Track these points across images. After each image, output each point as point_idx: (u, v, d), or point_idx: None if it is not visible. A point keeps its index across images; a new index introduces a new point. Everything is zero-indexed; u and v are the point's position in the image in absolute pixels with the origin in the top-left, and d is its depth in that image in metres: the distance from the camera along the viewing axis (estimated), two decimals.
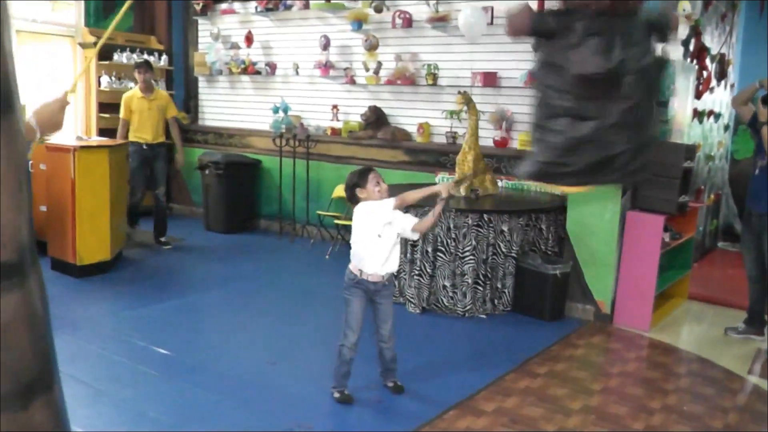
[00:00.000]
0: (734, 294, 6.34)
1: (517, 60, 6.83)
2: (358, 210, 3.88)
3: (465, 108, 6.21)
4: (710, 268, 7.58)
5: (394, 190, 3.93)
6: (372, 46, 7.67)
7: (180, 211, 9.73)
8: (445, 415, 3.84)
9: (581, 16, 2.63)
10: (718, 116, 8.00)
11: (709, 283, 6.83)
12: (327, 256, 7.43)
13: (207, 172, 8.52)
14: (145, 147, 7.48)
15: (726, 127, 8.72)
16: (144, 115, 7.43)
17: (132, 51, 8.82)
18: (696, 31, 6.33)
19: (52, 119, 2.51)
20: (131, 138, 7.45)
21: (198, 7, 9.12)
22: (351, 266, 3.94)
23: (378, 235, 3.82)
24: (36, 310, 1.79)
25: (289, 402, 3.96)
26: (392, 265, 3.92)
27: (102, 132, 8.28)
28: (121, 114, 7.46)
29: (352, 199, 3.93)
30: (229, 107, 9.31)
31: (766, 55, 8.02)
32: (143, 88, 7.46)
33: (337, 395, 3.96)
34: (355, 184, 3.87)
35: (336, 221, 7.60)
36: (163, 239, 7.73)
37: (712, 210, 8.33)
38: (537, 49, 2.84)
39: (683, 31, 5.83)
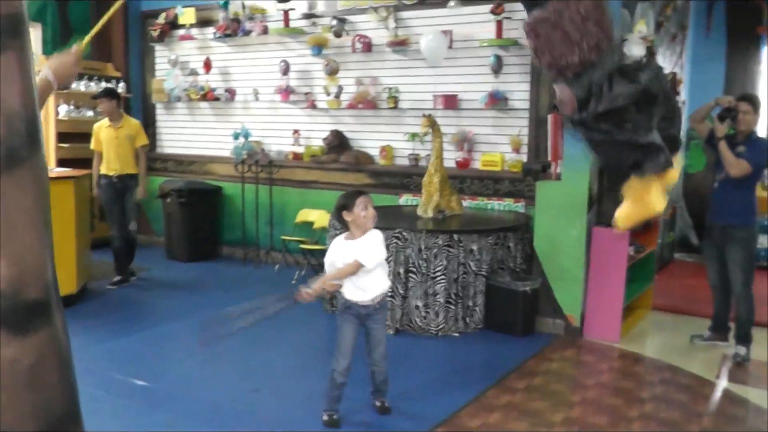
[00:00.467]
0: (695, 303, 6.56)
1: (476, 82, 6.99)
2: (336, 243, 3.97)
3: (430, 131, 6.32)
4: (670, 279, 7.81)
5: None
6: (332, 71, 7.75)
7: (140, 240, 9.56)
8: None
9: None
10: None
11: (671, 294, 7.04)
12: (293, 281, 7.43)
13: (168, 200, 8.46)
14: (115, 179, 7.18)
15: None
16: (111, 145, 7.16)
17: (90, 79, 8.75)
18: (651, 52, 6.59)
19: (67, 71, 2.61)
20: (102, 170, 7.21)
21: (155, 34, 9.10)
22: (342, 291, 3.97)
23: (331, 263, 3.95)
24: (63, 347, 1.80)
25: (276, 428, 3.96)
26: (379, 289, 3.96)
27: (61, 162, 8.17)
28: (91, 145, 7.28)
29: (339, 221, 3.98)
30: (188, 134, 9.28)
31: (714, 73, 8.35)
32: (109, 118, 7.22)
33: (325, 418, 3.98)
34: (343, 206, 3.90)
35: (302, 246, 7.62)
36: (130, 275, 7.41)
37: (669, 223, 8.59)
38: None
39: (640, 51, 6.06)
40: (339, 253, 3.91)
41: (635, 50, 6.02)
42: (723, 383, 4.83)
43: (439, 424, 3.99)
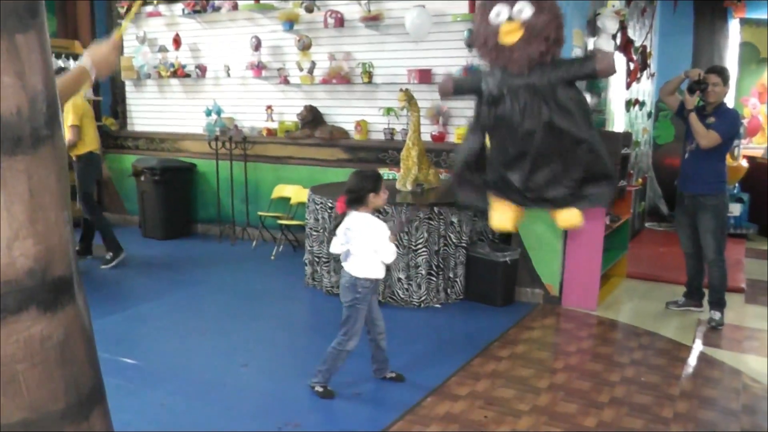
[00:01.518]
0: (667, 270, 6.74)
1: (450, 57, 7.01)
2: (380, 223, 3.95)
3: (407, 105, 6.35)
4: (642, 247, 7.99)
5: (336, 189, 4.05)
6: (305, 46, 7.72)
7: (113, 220, 9.49)
8: (424, 401, 3.99)
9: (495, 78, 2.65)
10: (642, 104, 8.43)
11: (643, 262, 7.22)
12: (272, 257, 7.46)
13: (142, 178, 8.40)
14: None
15: (649, 114, 9.21)
16: (93, 122, 7.14)
17: (57, 57, 8.59)
18: (623, 26, 6.69)
19: (106, 60, 2.58)
20: (93, 148, 7.06)
21: (122, 11, 8.96)
22: (368, 274, 3.93)
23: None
24: (87, 324, 1.84)
25: (271, 402, 4.02)
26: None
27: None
28: (75, 121, 6.85)
29: (358, 201, 3.90)
30: (159, 111, 9.18)
31: (683, 45, 8.51)
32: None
33: (320, 389, 4.04)
34: (372, 189, 3.88)
35: (280, 221, 7.63)
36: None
37: (639, 193, 8.78)
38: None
39: (613, 25, 6.15)
40: (377, 229, 3.93)
41: (609, 24, 6.10)
42: (698, 346, 4.99)
43: (430, 393, 4.08)
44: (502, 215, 2.86)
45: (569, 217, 2.74)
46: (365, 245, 3.90)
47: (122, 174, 9.16)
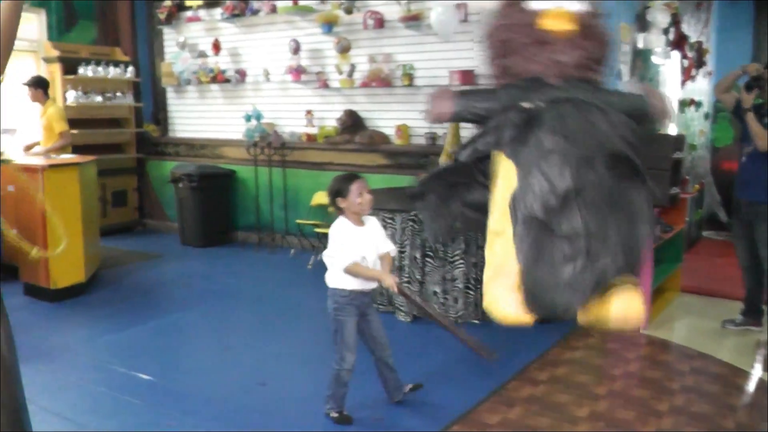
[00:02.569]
0: (725, 284, 6.25)
1: None
2: (340, 228, 3.69)
3: None
4: (699, 258, 7.49)
5: (373, 196, 3.75)
6: (344, 49, 7.48)
7: (154, 226, 9.47)
8: (449, 430, 3.67)
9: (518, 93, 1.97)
10: (698, 105, 7.95)
11: (700, 275, 6.73)
12: (309, 266, 7.23)
13: (180, 185, 8.28)
14: None
15: (706, 116, 8.69)
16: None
17: (97, 64, 8.55)
18: (675, 20, 6.25)
19: None
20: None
21: (162, 17, 8.88)
22: (337, 284, 3.71)
23: (363, 257, 3.67)
24: (3, 361, 1.59)
25: (285, 425, 3.76)
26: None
27: (72, 149, 7.98)
28: (65, 126, 7.32)
29: (333, 205, 3.74)
30: (199, 117, 9.07)
31: (741, 42, 7.99)
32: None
33: (335, 415, 3.77)
34: (337, 191, 3.66)
35: (316, 229, 7.40)
36: None
37: (697, 200, 8.27)
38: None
39: (665, 19, 5.73)
40: (359, 242, 3.67)
41: (660, 18, 5.69)
42: (758, 372, 4.54)
43: (455, 422, 3.76)
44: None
45: (625, 305, 1.88)
46: (335, 253, 3.69)
47: (162, 181, 9.07)
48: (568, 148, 1.83)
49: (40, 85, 7.35)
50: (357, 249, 3.65)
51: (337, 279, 3.70)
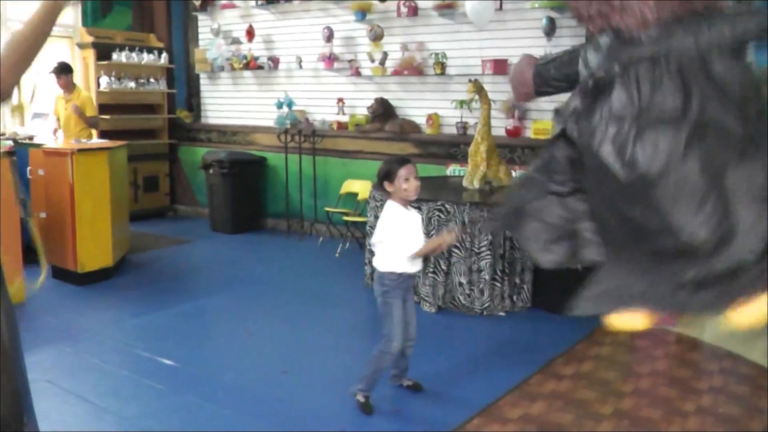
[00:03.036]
0: None
1: (527, 46, 6.54)
2: (393, 213, 3.62)
3: (476, 97, 5.95)
4: None
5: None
6: (377, 37, 7.42)
7: (185, 212, 9.53)
8: (469, 423, 3.61)
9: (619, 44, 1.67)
10: None
11: None
12: (337, 254, 7.21)
13: (211, 171, 8.30)
14: None
15: None
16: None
17: (131, 50, 8.60)
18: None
19: None
20: None
21: (197, 3, 8.90)
22: (387, 267, 3.64)
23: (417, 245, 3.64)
24: (2, 345, 1.57)
25: (305, 414, 3.73)
26: None
27: (103, 134, 8.06)
28: (95, 111, 7.52)
29: (380, 189, 3.69)
30: (232, 104, 9.09)
31: None
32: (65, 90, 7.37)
33: (361, 399, 3.72)
34: (386, 174, 3.60)
35: (345, 218, 7.37)
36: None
37: None
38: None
39: None
40: (410, 226, 3.64)
41: None
42: None
43: (475, 415, 3.69)
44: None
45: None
46: (389, 238, 3.63)
47: (194, 167, 9.11)
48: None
49: (69, 71, 7.38)
50: (411, 232, 3.63)
51: (388, 262, 3.64)
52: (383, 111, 7.53)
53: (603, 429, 3.57)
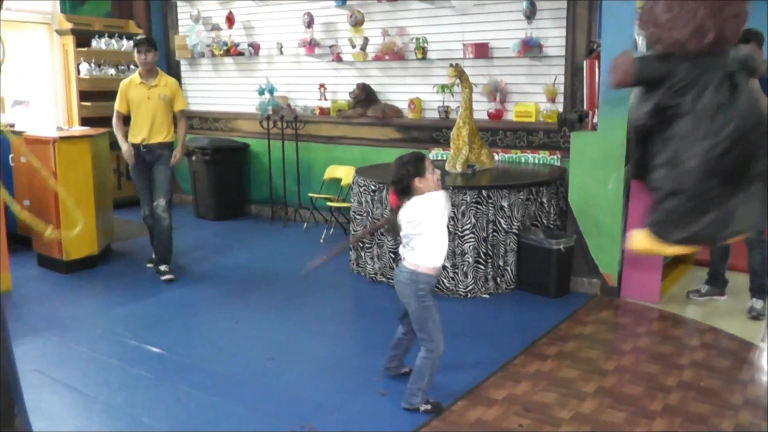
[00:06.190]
0: (738, 258, 6.16)
1: (508, 29, 6.60)
2: (441, 200, 3.52)
3: (457, 81, 5.98)
4: None
5: (382, 170, 3.70)
6: (357, 22, 7.41)
7: None
8: (454, 406, 3.66)
9: (681, 59, 3.00)
10: None
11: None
12: (322, 240, 7.23)
13: (194, 158, 8.29)
14: (142, 148, 5.92)
15: None
16: (141, 107, 5.90)
17: (110, 36, 8.54)
18: None
19: None
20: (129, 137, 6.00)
21: None
22: (428, 262, 3.53)
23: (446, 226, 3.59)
24: None
25: (290, 400, 3.76)
26: None
27: (84, 121, 8.01)
28: (116, 105, 6.06)
29: (407, 191, 3.49)
30: (213, 90, 9.06)
31: None
32: (143, 73, 5.96)
33: (428, 407, 3.60)
34: (415, 173, 3.45)
35: (329, 203, 7.39)
36: (163, 268, 6.00)
37: None
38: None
39: None
40: (435, 207, 3.51)
41: None
42: (766, 346, 4.48)
43: (460, 398, 3.75)
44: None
45: None
46: (424, 233, 3.50)
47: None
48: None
49: (154, 48, 6.04)
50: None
51: (428, 257, 3.52)
52: (365, 96, 7.54)
53: (586, 407, 3.64)
